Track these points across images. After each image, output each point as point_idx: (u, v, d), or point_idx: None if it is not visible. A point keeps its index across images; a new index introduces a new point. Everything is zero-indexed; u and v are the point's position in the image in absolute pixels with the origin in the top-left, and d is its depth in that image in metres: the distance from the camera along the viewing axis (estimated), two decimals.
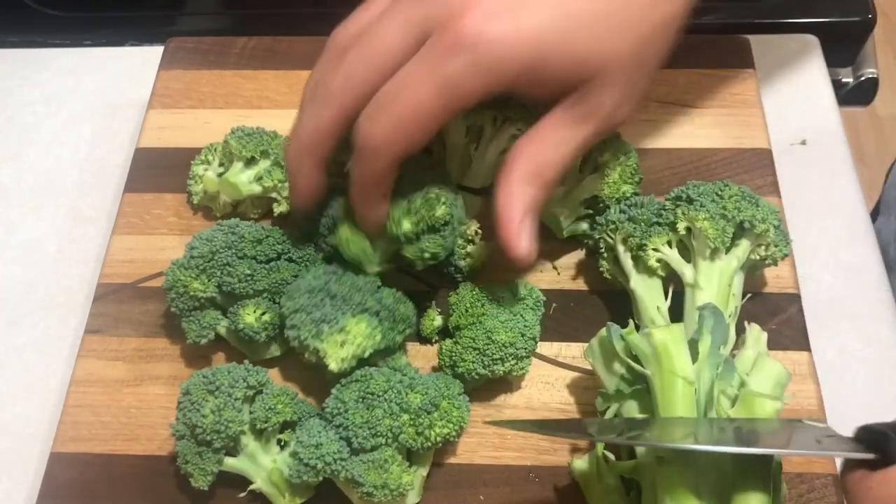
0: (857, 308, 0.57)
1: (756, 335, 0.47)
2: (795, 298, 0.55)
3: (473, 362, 0.49)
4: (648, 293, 0.51)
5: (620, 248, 0.52)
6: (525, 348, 0.50)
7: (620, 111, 0.47)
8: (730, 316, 0.48)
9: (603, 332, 0.48)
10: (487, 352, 0.49)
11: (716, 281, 0.49)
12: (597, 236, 0.54)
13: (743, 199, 0.51)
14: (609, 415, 0.47)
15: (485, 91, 0.43)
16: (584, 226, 0.56)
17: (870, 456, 0.37)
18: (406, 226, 0.49)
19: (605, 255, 0.54)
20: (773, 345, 0.53)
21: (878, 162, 1.67)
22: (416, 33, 0.44)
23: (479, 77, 0.43)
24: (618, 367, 0.47)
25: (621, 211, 0.53)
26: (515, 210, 0.46)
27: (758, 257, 0.52)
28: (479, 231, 0.54)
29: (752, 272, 0.54)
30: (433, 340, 0.54)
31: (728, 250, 0.50)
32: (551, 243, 0.58)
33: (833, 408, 0.52)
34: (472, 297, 0.52)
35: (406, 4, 0.45)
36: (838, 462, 0.49)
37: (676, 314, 0.50)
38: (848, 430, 0.52)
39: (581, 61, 0.44)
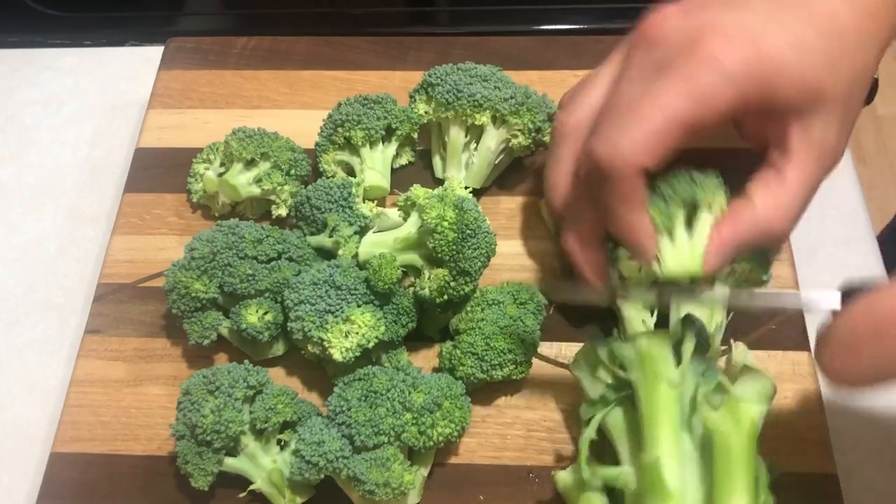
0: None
1: (741, 350, 0.47)
2: (795, 298, 0.55)
3: (472, 367, 0.49)
4: (634, 307, 0.50)
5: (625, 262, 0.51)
6: (525, 353, 0.50)
7: (841, 147, 0.46)
8: (715, 328, 0.48)
9: (587, 343, 0.48)
10: (486, 357, 0.49)
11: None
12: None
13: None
14: (594, 423, 0.46)
15: (728, 110, 0.43)
16: None
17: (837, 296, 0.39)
18: None
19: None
20: (773, 345, 0.53)
21: (878, 162, 1.67)
22: (651, 69, 0.45)
23: (730, 90, 0.43)
24: (602, 376, 0.47)
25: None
26: (729, 241, 0.46)
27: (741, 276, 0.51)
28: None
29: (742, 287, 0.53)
30: (436, 339, 0.54)
31: None
32: (548, 243, 0.58)
33: (833, 408, 0.52)
34: (473, 301, 0.52)
35: (639, 61, 0.46)
36: (838, 463, 0.49)
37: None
38: (848, 431, 0.52)
39: (813, 85, 0.44)
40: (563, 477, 0.47)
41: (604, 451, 0.47)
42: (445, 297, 0.50)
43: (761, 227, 0.46)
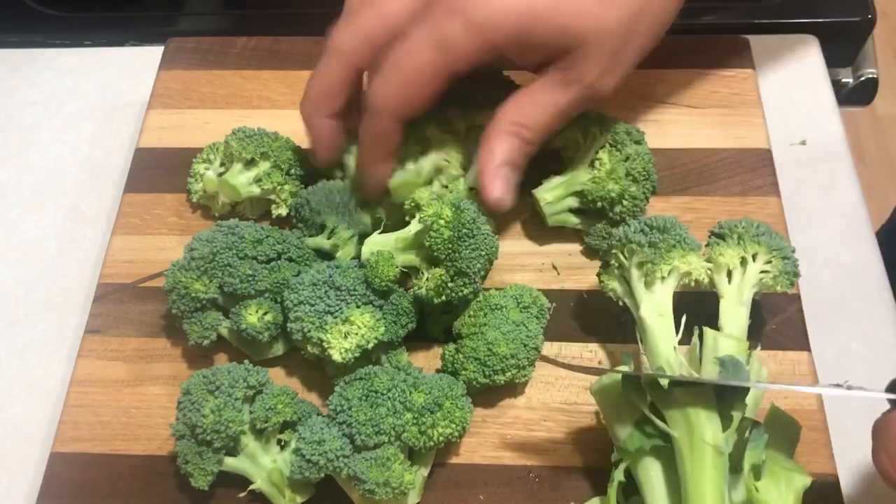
0: (857, 308, 0.57)
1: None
2: (795, 298, 0.55)
3: (475, 371, 0.49)
4: (660, 324, 0.47)
5: (634, 273, 0.49)
6: (527, 358, 0.50)
7: (604, 81, 0.49)
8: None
9: (615, 377, 0.45)
10: (488, 362, 0.49)
11: (738, 326, 0.47)
12: (608, 249, 0.51)
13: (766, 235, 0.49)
14: (622, 467, 0.44)
15: (478, 53, 0.47)
16: (574, 219, 0.56)
17: (893, 396, 0.39)
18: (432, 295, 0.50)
19: (615, 272, 0.51)
20: (773, 345, 0.53)
21: (878, 162, 1.67)
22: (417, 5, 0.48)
23: (473, 37, 0.47)
24: (629, 414, 0.45)
25: (641, 231, 0.49)
26: (493, 158, 0.50)
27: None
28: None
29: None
30: (440, 340, 0.54)
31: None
32: (548, 243, 0.58)
33: (833, 408, 0.52)
34: (476, 305, 0.51)
35: None
36: (838, 463, 0.49)
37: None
38: (848, 431, 0.52)
39: (567, 28, 0.47)
40: None
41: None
42: (444, 297, 0.50)
43: (509, 136, 0.50)
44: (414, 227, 0.51)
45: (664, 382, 0.43)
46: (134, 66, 0.73)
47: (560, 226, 0.57)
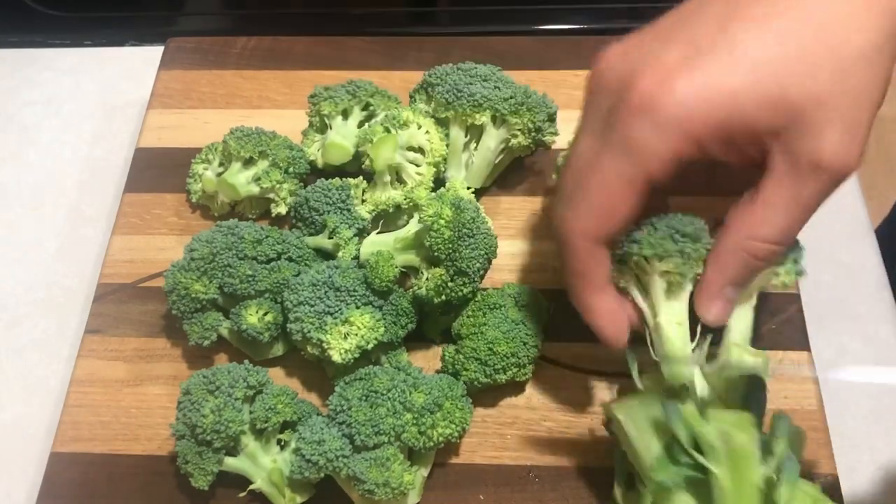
0: (857, 308, 0.57)
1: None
2: (795, 298, 0.55)
3: (475, 371, 0.49)
4: (678, 333, 0.45)
5: (657, 280, 0.45)
6: (527, 356, 0.50)
7: (846, 154, 0.40)
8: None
9: (640, 395, 0.44)
10: (489, 362, 0.49)
11: (743, 328, 0.45)
12: (627, 251, 0.46)
13: None
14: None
15: (675, 155, 0.39)
16: None
17: None
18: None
19: (633, 273, 0.46)
20: (773, 345, 0.53)
21: (878, 162, 1.67)
22: (602, 125, 0.41)
23: (666, 137, 0.39)
24: (653, 437, 0.43)
25: (671, 239, 0.44)
26: (719, 280, 0.43)
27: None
28: None
29: None
30: (437, 342, 0.54)
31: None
32: (548, 243, 0.58)
33: (833, 408, 0.52)
34: (475, 305, 0.51)
35: (589, 113, 0.43)
36: (838, 463, 0.49)
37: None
38: (848, 431, 0.52)
39: (776, 98, 0.39)
40: None
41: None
42: (443, 297, 0.50)
43: (746, 256, 0.42)
44: (413, 226, 0.51)
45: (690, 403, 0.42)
46: (134, 66, 0.73)
47: None
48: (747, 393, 0.43)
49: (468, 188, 0.56)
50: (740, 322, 0.45)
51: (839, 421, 0.52)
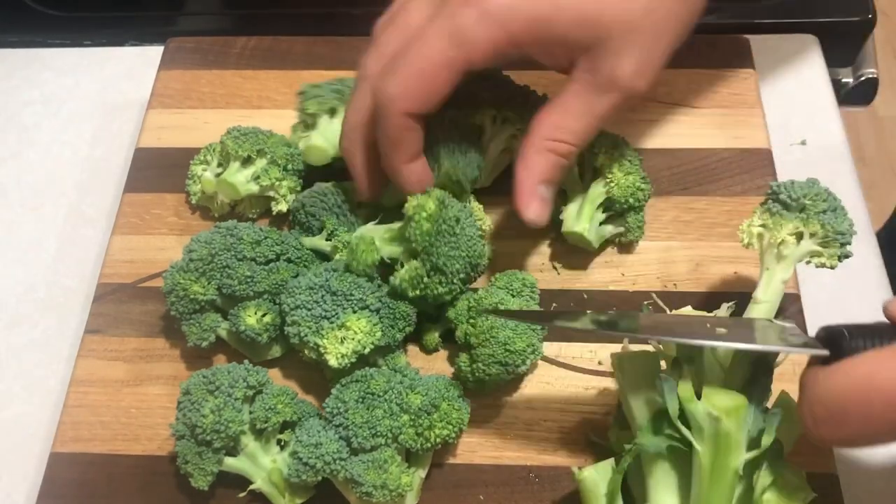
0: (857, 308, 0.57)
1: None
2: (795, 298, 0.55)
3: (499, 374, 0.49)
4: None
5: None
6: (539, 340, 0.51)
7: (640, 78, 0.46)
8: None
9: (638, 351, 0.45)
10: (509, 361, 0.49)
11: (772, 293, 0.46)
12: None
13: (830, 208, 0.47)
14: (629, 455, 0.43)
15: (495, 45, 0.44)
16: (610, 228, 0.56)
17: (824, 352, 0.38)
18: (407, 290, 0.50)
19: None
20: None
21: (878, 162, 1.67)
22: (437, 3, 0.46)
23: (490, 28, 0.44)
24: (649, 398, 0.44)
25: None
26: (530, 177, 0.47)
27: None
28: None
29: None
30: (435, 350, 0.54)
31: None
32: (548, 243, 0.58)
33: None
34: (473, 311, 0.51)
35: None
36: (838, 463, 0.49)
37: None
38: None
39: (592, 18, 0.44)
40: (589, 474, 0.45)
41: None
42: (418, 291, 0.49)
43: (548, 154, 0.47)
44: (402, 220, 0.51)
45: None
46: (134, 66, 0.73)
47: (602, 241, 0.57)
48: (751, 376, 0.43)
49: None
50: (768, 292, 0.46)
51: None
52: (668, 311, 0.52)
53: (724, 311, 0.47)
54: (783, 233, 0.46)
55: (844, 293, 0.58)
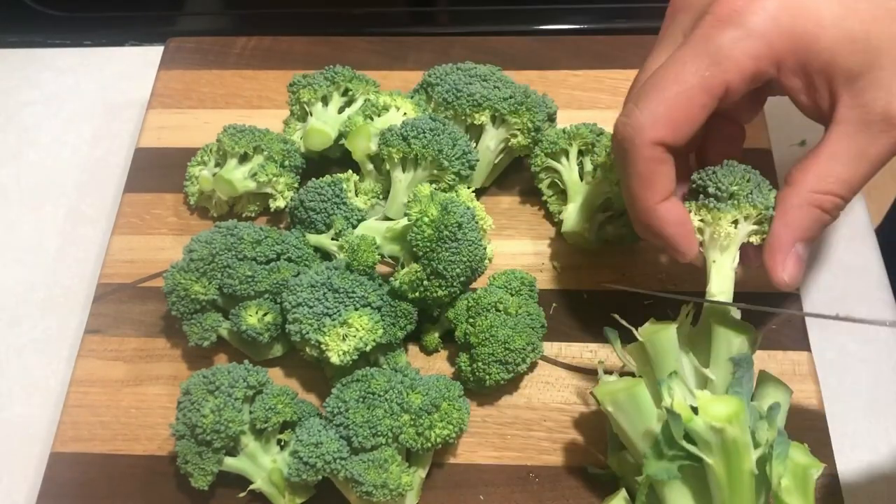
0: (857, 308, 0.57)
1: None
2: (795, 298, 0.55)
3: (499, 373, 0.50)
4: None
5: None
6: (538, 338, 0.51)
7: None
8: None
9: (619, 381, 0.45)
10: (509, 359, 0.49)
11: (726, 283, 0.45)
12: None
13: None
14: (644, 487, 0.43)
15: (757, 64, 0.39)
16: (610, 228, 0.56)
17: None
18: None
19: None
20: (773, 345, 0.53)
21: None
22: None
23: (752, 45, 0.39)
24: (645, 426, 0.43)
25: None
26: (789, 234, 0.42)
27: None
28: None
29: None
30: (438, 348, 0.54)
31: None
32: (548, 243, 0.58)
33: (833, 408, 0.52)
34: (471, 310, 0.51)
35: (669, 31, 0.43)
36: (838, 463, 0.49)
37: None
38: (848, 431, 0.52)
39: (861, 39, 0.38)
40: None
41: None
42: (418, 294, 0.50)
43: (813, 210, 0.41)
44: (405, 220, 0.51)
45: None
46: (134, 66, 0.73)
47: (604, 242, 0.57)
48: (735, 375, 0.43)
49: (469, 188, 0.56)
50: (720, 283, 0.45)
51: (839, 421, 0.52)
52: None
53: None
54: (724, 225, 0.44)
55: (844, 293, 0.58)
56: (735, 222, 0.45)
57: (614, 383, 0.45)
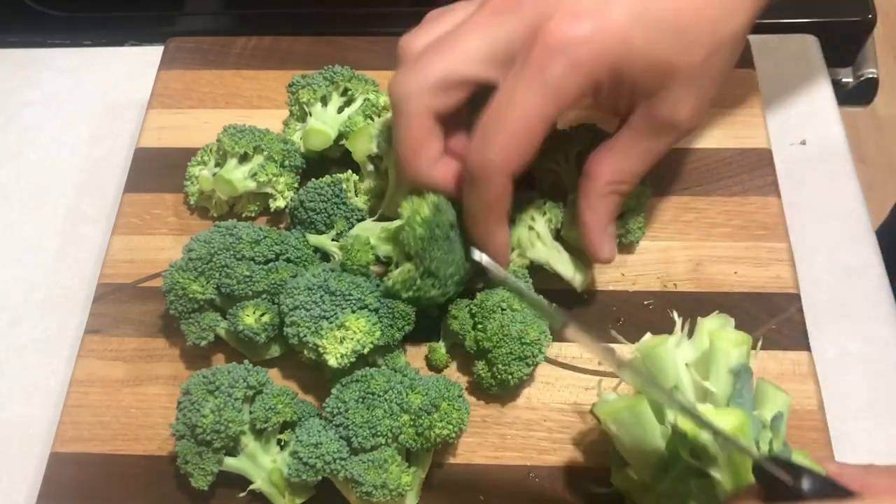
0: (857, 308, 0.57)
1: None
2: (795, 298, 0.55)
3: (520, 369, 0.50)
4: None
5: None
6: (547, 324, 0.51)
7: (696, 119, 0.47)
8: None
9: (621, 399, 0.45)
10: (527, 353, 0.49)
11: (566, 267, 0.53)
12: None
13: None
14: None
15: (581, 95, 0.44)
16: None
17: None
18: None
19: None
20: (773, 345, 0.53)
21: (878, 162, 1.67)
22: (498, 46, 0.45)
23: (580, 77, 0.44)
24: (650, 444, 0.43)
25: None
26: (600, 222, 0.49)
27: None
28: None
29: None
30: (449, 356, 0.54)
31: None
32: None
33: (833, 408, 0.52)
34: (478, 317, 0.51)
35: (485, 17, 0.46)
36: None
37: None
38: (848, 431, 0.52)
39: (662, 65, 0.44)
40: None
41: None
42: (411, 293, 0.50)
43: (613, 196, 0.49)
44: (399, 220, 0.51)
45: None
46: (134, 66, 0.73)
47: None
48: (736, 387, 0.43)
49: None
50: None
51: (839, 421, 0.52)
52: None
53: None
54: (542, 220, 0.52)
55: (844, 293, 0.58)
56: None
57: (616, 402, 0.45)
